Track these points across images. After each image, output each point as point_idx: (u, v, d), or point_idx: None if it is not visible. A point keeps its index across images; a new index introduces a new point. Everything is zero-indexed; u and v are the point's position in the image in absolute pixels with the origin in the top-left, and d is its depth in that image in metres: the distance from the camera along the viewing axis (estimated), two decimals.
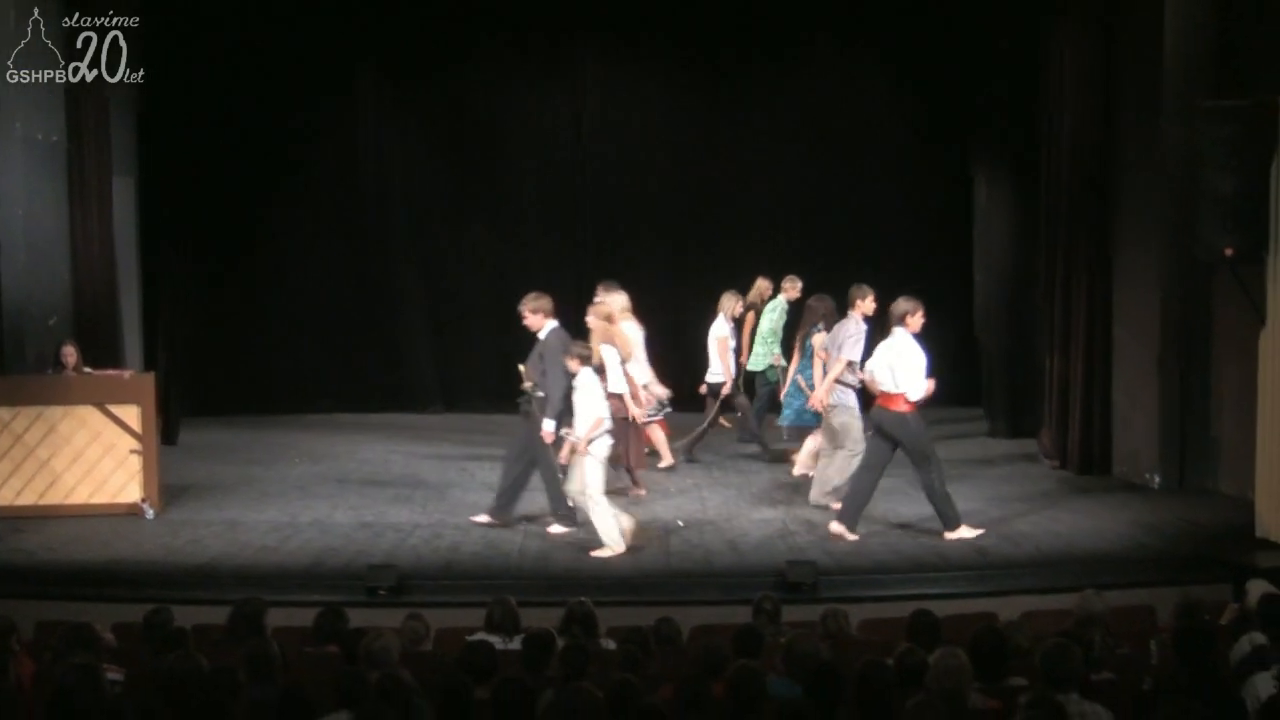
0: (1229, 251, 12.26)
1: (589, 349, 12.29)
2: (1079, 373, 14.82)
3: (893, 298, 12.37)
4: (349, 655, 7.97)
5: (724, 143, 19.14)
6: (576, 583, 10.82)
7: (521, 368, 12.61)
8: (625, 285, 14.48)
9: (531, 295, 12.61)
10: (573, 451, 11.98)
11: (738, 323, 15.76)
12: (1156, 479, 14.19)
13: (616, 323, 13.70)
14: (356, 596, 10.53)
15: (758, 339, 15.88)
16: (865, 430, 12.83)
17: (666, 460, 15.10)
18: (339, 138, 18.89)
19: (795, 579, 10.72)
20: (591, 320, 13.53)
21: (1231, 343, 13.51)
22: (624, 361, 13.55)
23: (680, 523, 12.83)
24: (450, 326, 19.21)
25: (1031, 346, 16.31)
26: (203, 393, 18.06)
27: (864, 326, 13.22)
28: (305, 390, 19.04)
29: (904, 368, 11.95)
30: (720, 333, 15.43)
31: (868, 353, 12.68)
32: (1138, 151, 14.38)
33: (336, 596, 10.23)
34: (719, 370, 15.44)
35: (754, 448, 15.80)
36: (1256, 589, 8.85)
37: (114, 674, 7.30)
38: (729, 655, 7.43)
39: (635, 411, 13.63)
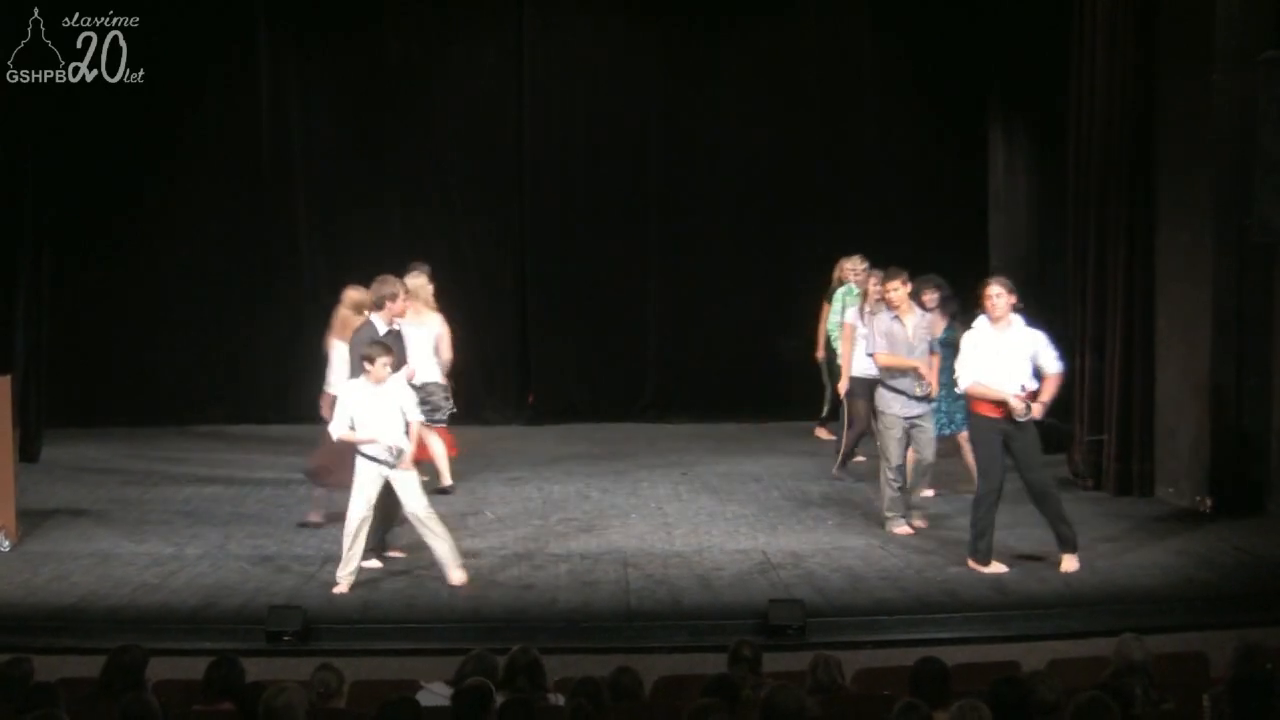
0: None
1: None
2: (1115, 376, 14.90)
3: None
4: (246, 713, 7.94)
5: (688, 104, 19.17)
6: (519, 626, 10.87)
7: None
8: (573, 271, 14.46)
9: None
10: None
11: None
12: (1209, 502, 14.25)
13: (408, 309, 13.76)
14: (255, 643, 10.51)
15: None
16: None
17: (444, 480, 14.78)
18: (233, 105, 18.86)
19: (779, 621, 10.75)
20: (342, 309, 13.73)
21: None
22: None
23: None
24: None
25: (1059, 345, 16.27)
26: (70, 400, 17.97)
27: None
28: (192, 398, 19.00)
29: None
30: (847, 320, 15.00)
31: None
32: (1184, 111, 14.42)
33: (231, 643, 10.23)
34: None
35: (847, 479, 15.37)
36: None
37: None
38: (699, 711, 7.42)
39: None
